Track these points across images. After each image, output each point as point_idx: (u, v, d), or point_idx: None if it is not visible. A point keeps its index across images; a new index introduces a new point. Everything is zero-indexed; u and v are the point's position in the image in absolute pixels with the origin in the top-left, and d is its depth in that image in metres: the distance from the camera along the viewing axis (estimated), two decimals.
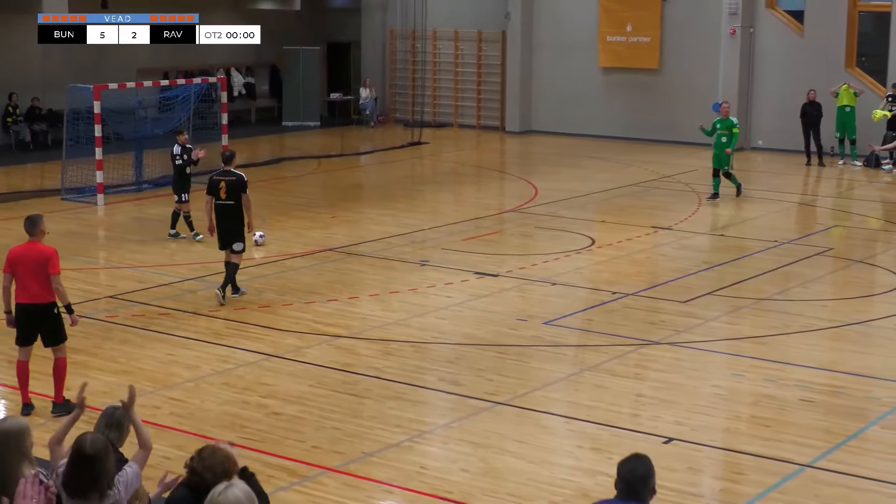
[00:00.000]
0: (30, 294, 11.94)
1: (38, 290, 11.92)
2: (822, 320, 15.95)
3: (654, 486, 6.26)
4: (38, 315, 12.04)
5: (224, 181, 16.73)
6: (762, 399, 12.75)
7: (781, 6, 32.40)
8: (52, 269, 11.84)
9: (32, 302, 11.95)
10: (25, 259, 11.93)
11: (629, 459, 6.32)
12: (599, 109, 34.86)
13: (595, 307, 16.60)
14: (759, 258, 19.61)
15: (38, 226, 12.06)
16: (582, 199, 24.93)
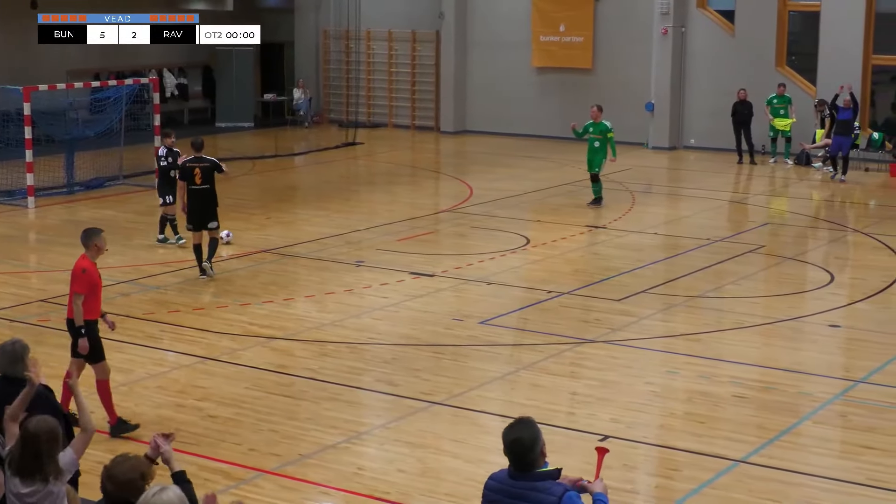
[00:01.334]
0: (68, 308, 11.78)
1: (69, 304, 11.74)
2: (755, 317, 16.12)
3: (543, 449, 6.25)
4: (70, 329, 11.79)
5: (198, 167, 17.78)
6: (696, 396, 12.86)
7: (712, 6, 32.70)
8: (73, 285, 11.58)
9: (68, 316, 11.76)
10: (72, 272, 11.76)
11: (513, 428, 6.26)
12: (533, 109, 34.99)
13: (530, 306, 16.66)
14: (693, 256, 19.78)
15: (90, 239, 11.77)
16: (517, 199, 25.02)
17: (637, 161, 30.54)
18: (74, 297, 11.53)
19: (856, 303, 17.02)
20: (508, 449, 6.24)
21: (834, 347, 15.09)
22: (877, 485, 10.45)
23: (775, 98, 29.99)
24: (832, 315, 16.25)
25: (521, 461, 6.22)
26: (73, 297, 11.54)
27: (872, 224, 22.96)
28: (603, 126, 23.84)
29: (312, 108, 38.38)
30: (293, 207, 24.61)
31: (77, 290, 11.53)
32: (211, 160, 18.00)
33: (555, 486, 6.18)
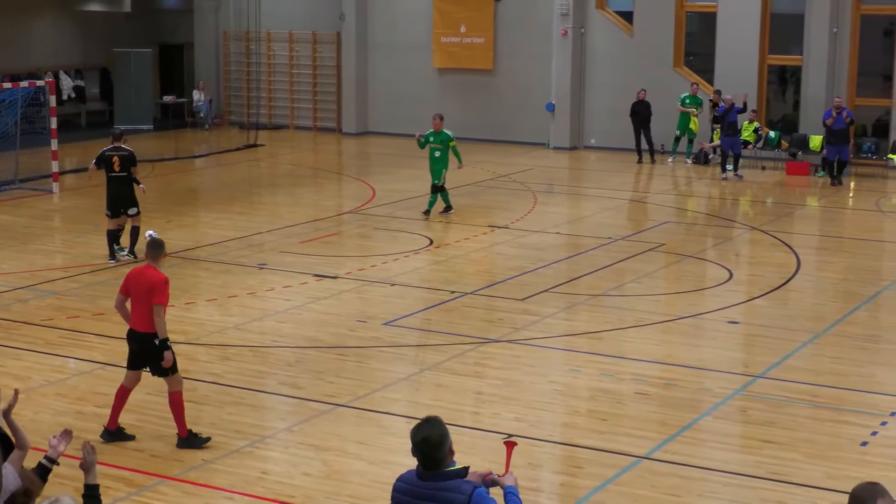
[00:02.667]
0: (136, 320, 11.43)
1: (140, 317, 11.39)
2: (656, 314, 16.30)
3: (451, 448, 6.27)
4: (141, 343, 11.46)
5: (117, 155, 18.98)
6: (599, 393, 12.97)
7: (611, 7, 33.01)
8: (157, 298, 11.26)
9: (137, 329, 11.43)
10: (137, 283, 11.42)
11: (420, 427, 6.25)
12: (435, 110, 34.77)
13: (434, 307, 16.68)
14: (594, 255, 19.95)
15: (160, 249, 11.63)
16: (420, 200, 25.01)
17: (538, 161, 30.74)
18: (157, 308, 11.24)
19: (754, 299, 17.29)
20: (416, 448, 6.23)
21: (733, 343, 15.31)
22: (776, 478, 10.62)
23: (688, 98, 30.33)
24: (731, 311, 16.49)
25: (429, 460, 6.22)
26: (156, 310, 11.24)
27: (769, 221, 23.35)
28: (444, 135, 23.24)
29: (213, 110, 38.05)
30: (194, 210, 24.38)
31: (161, 301, 11.29)
32: (129, 150, 19.22)
33: (464, 485, 6.18)
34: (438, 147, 23.22)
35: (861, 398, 12.91)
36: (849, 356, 14.53)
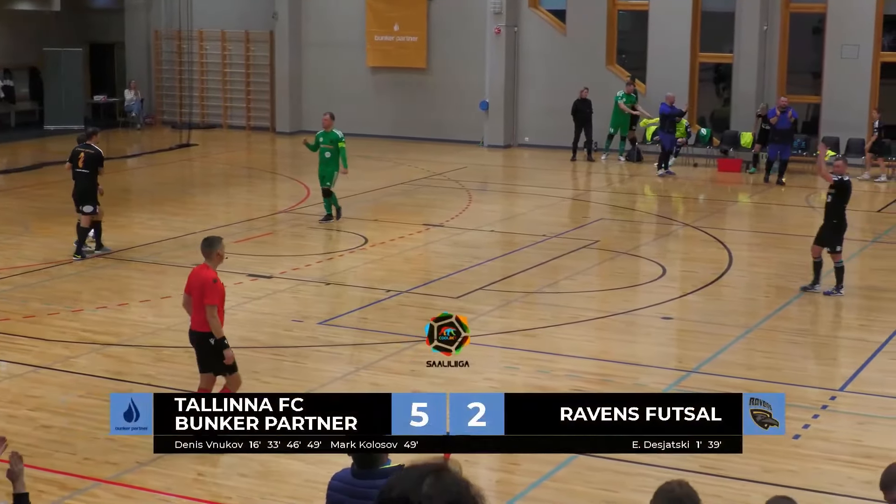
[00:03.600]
0: (193, 319, 11.50)
1: (196, 316, 11.43)
2: (590, 311, 16.39)
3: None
4: (195, 342, 11.54)
5: (84, 152, 19.41)
6: (535, 390, 13.01)
7: (544, 5, 33.14)
8: (207, 298, 11.26)
9: (192, 328, 11.53)
10: (192, 282, 11.46)
11: None
12: (369, 109, 34.99)
13: (370, 305, 16.67)
14: (529, 252, 20.03)
15: (212, 248, 11.56)
16: (354, 199, 24.97)
17: (472, 159, 30.81)
18: (209, 308, 11.23)
19: (687, 295, 17.45)
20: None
21: (667, 339, 15.44)
22: (711, 472, 10.72)
23: (623, 96, 30.46)
24: (665, 307, 16.63)
25: (364, 459, 6.25)
26: (208, 310, 11.23)
27: (702, 218, 23.56)
28: (334, 135, 22.25)
29: (145, 110, 37.73)
30: (127, 211, 24.15)
31: (213, 301, 11.26)
32: (97, 149, 19.60)
33: None
34: (329, 147, 22.26)
35: (793, 392, 13.06)
36: (780, 350, 14.70)
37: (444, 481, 3.29)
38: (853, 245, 21.20)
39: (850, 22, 29.53)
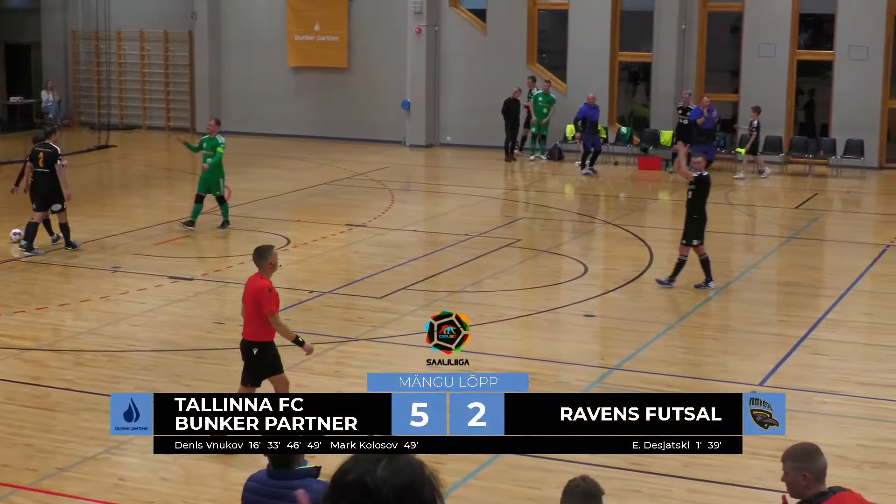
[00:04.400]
0: (245, 328, 11.42)
1: (246, 324, 11.37)
2: (513, 309, 16.44)
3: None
4: (242, 349, 11.44)
5: (42, 152, 19.56)
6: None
7: (465, 5, 33.20)
8: (265, 307, 11.19)
9: (243, 335, 11.43)
10: (247, 291, 11.41)
11: None
12: (290, 109, 34.84)
13: (292, 307, 16.57)
14: (452, 252, 20.05)
15: (264, 257, 11.46)
16: (276, 199, 24.87)
17: (395, 159, 30.78)
18: (271, 318, 11.19)
19: (609, 292, 17.56)
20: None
21: (589, 336, 15.53)
22: (634, 468, 10.80)
23: (541, 96, 30.58)
24: (587, 305, 16.72)
25: (279, 459, 6.24)
26: (271, 320, 11.19)
27: (623, 216, 23.74)
28: (215, 141, 21.59)
29: (62, 111, 37.23)
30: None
31: (272, 309, 11.20)
32: (54, 147, 19.72)
33: (314, 484, 6.20)
34: (211, 154, 21.56)
35: (713, 387, 13.19)
36: (701, 346, 14.85)
37: (399, 463, 3.31)
38: (772, 241, 21.49)
39: (766, 21, 29.91)
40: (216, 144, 21.61)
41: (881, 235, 22.24)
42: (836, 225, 23.90)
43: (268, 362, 11.46)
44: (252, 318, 11.28)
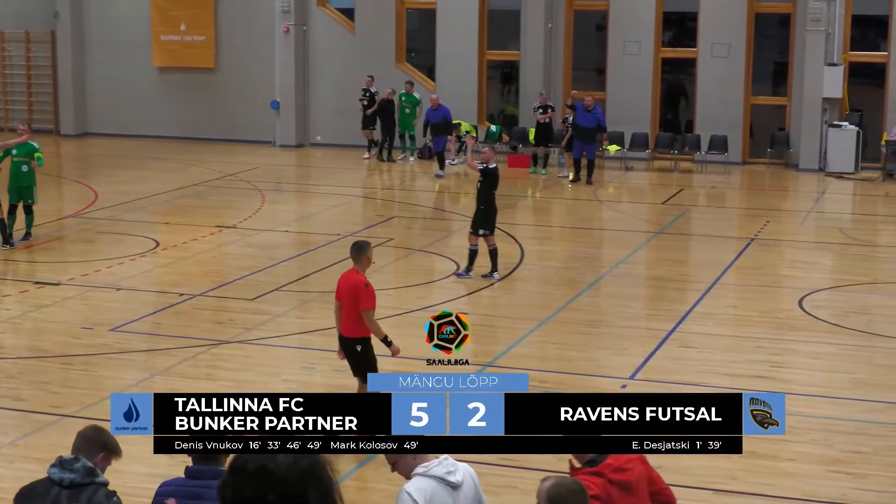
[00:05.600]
0: (342, 324, 11.56)
1: (344, 322, 11.52)
2: (387, 308, 16.42)
3: None
4: (345, 348, 11.62)
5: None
6: (334, 390, 12.98)
7: (333, 4, 33.08)
8: (362, 304, 11.33)
9: (341, 333, 11.59)
10: (343, 288, 11.51)
11: None
12: (157, 110, 34.35)
13: (163, 310, 16.37)
14: (325, 252, 19.97)
15: (362, 253, 11.59)
16: (144, 202, 24.50)
17: (265, 159, 30.55)
18: (365, 314, 11.34)
19: (481, 290, 17.66)
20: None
21: None
22: (508, 463, 10.87)
23: (403, 96, 30.55)
24: (460, 303, 16.80)
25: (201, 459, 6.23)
26: (365, 315, 11.34)
27: None
28: (30, 146, 20.35)
29: None
30: None
31: (368, 305, 11.36)
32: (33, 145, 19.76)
33: None
34: (24, 160, 20.29)
35: (586, 382, 13.37)
36: (573, 342, 15.02)
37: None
38: (639, 237, 21.82)
39: (631, 19, 30.37)
40: (32, 150, 20.38)
41: (745, 229, 22.75)
42: (701, 220, 24.38)
43: (373, 356, 11.63)
44: (351, 314, 11.43)
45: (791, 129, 29.70)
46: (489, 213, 17.85)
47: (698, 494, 10.58)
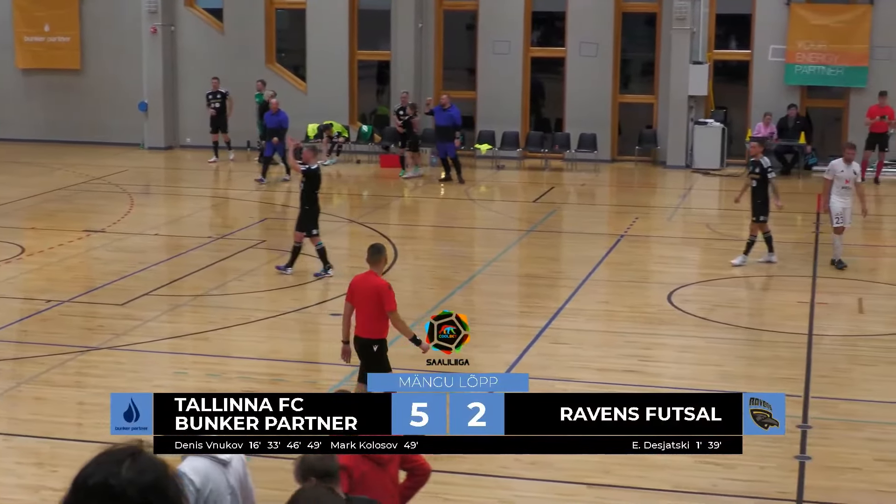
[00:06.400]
0: (357, 325, 11.70)
1: (362, 323, 11.66)
2: (260, 311, 16.33)
3: None
4: (360, 348, 11.72)
5: None
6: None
7: (200, 4, 32.73)
8: (388, 305, 11.52)
9: (359, 335, 11.71)
10: (361, 289, 11.67)
11: None
12: (21, 112, 33.60)
13: (30, 317, 16.03)
14: (195, 255, 19.76)
15: (380, 254, 11.86)
16: (7, 207, 23.94)
17: (133, 162, 30.09)
18: (392, 315, 11.51)
19: None
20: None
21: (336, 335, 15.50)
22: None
23: (256, 96, 30.04)
24: (334, 304, 16.73)
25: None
26: (392, 317, 11.52)
27: (366, 214, 23.88)
28: None
29: None
30: None
31: (393, 306, 11.55)
32: None
33: None
34: None
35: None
36: None
37: (143, 463, 3.27)
38: (511, 234, 21.98)
39: (501, 19, 30.58)
40: None
41: (615, 226, 23.06)
42: (572, 217, 24.67)
43: (386, 358, 11.71)
44: (370, 315, 11.59)
45: (658, 126, 30.20)
46: (313, 212, 18.12)
47: (571, 489, 10.71)
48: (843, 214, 18.91)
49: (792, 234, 21.70)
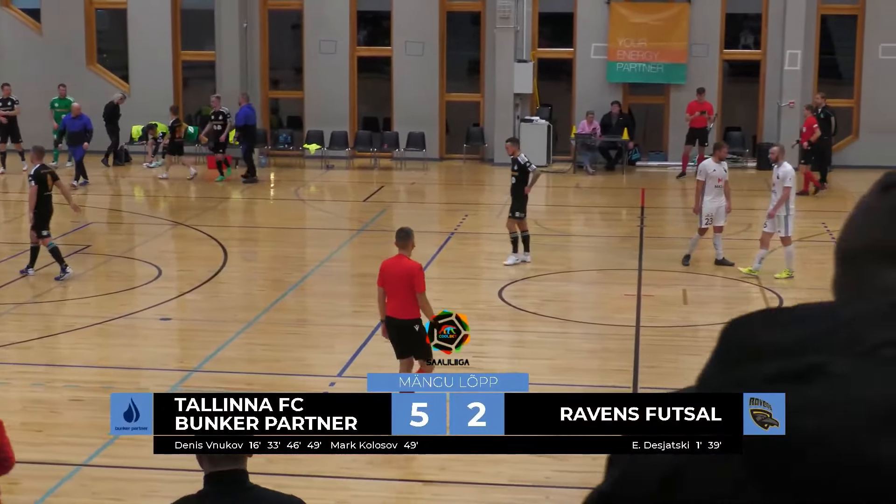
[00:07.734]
0: (393, 308, 11.96)
1: (399, 305, 11.90)
2: (87, 318, 15.95)
3: None
4: (400, 330, 11.94)
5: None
6: (31, 405, 12.52)
7: (16, 4, 31.85)
8: (418, 287, 11.79)
9: (395, 316, 11.94)
10: (393, 272, 11.91)
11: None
12: None
13: None
14: (15, 262, 19.18)
15: (409, 238, 12.18)
16: None
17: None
18: (421, 297, 11.79)
19: (185, 294, 17.38)
20: None
21: (167, 340, 15.30)
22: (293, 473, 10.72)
23: (57, 101, 29.11)
24: (163, 308, 16.47)
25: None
26: (421, 298, 11.79)
27: (194, 216, 23.52)
28: None
29: None
30: None
31: (423, 289, 11.82)
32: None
33: None
34: None
35: (294, 381, 13.34)
36: (280, 342, 14.96)
37: None
38: (342, 234, 21.93)
39: (326, 18, 30.48)
40: None
41: (445, 224, 23.19)
42: (402, 215, 24.70)
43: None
44: (406, 298, 11.85)
45: (485, 124, 30.48)
46: (43, 213, 17.90)
47: (408, 487, 10.73)
48: (716, 214, 18.92)
49: (618, 229, 22.14)
